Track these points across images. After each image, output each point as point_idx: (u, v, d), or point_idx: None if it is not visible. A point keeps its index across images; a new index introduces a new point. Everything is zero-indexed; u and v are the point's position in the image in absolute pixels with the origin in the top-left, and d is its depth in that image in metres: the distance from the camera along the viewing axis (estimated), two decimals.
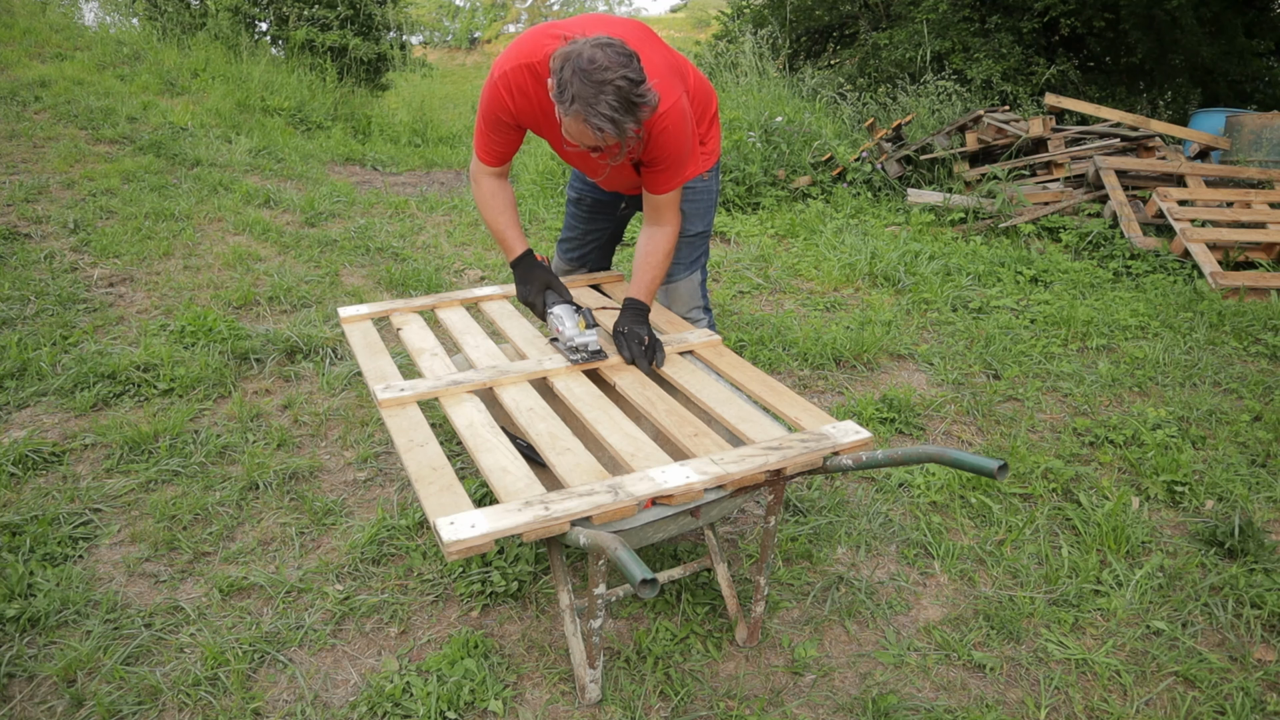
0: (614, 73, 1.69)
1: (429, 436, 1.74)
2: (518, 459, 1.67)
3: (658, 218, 2.17)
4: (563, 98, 1.73)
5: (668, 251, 2.19)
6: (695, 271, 2.50)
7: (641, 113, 1.75)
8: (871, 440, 1.76)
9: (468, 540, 1.39)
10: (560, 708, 1.77)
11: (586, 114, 1.71)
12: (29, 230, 4.10)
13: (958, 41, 8.28)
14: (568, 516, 1.46)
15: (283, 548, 2.23)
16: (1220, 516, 2.42)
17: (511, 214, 2.25)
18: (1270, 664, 1.91)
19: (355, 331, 2.27)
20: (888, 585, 2.16)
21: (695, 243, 2.44)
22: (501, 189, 2.23)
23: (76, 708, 1.72)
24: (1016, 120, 6.04)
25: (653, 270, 2.18)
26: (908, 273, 4.30)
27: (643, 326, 2.12)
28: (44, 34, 7.22)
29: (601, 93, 1.69)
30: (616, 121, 1.71)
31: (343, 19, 8.50)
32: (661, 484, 1.55)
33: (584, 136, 1.79)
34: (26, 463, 2.46)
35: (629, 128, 1.74)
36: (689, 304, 2.52)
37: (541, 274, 2.21)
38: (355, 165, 6.57)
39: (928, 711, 1.77)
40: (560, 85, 1.73)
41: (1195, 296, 4.08)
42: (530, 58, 1.95)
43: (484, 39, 23.90)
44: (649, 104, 1.75)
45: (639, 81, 1.72)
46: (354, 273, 4.14)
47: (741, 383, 2.03)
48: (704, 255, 2.52)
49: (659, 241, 2.18)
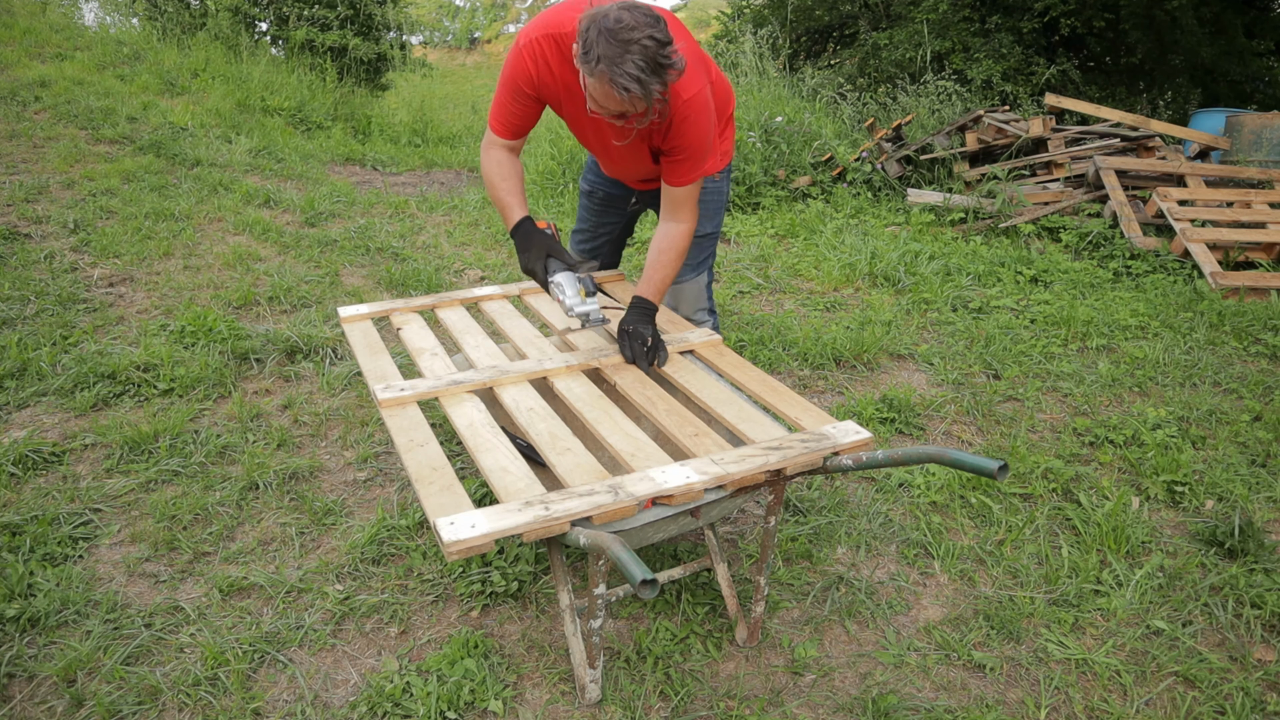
0: (640, 32, 1.65)
1: (429, 436, 1.74)
2: (518, 459, 1.67)
3: (675, 212, 2.11)
4: (588, 58, 1.69)
5: (681, 250, 2.14)
6: (702, 273, 2.48)
7: (668, 75, 1.71)
8: (872, 440, 1.76)
9: (468, 540, 1.39)
10: (560, 708, 1.77)
11: (612, 74, 1.66)
12: (29, 230, 4.10)
13: (958, 41, 8.29)
14: (568, 516, 1.46)
15: (283, 548, 2.23)
16: (1220, 516, 2.42)
17: (515, 182, 2.16)
18: (1270, 664, 1.91)
19: (355, 331, 2.27)
20: (888, 585, 2.16)
21: (703, 244, 2.43)
22: (509, 160, 2.16)
23: (76, 708, 1.72)
24: (1016, 120, 6.04)
25: (665, 269, 2.13)
26: (908, 273, 4.30)
27: (648, 327, 2.09)
28: (44, 34, 7.22)
29: (628, 52, 1.64)
30: (643, 82, 1.67)
31: (343, 19, 8.50)
32: (662, 484, 1.55)
33: (609, 100, 1.73)
34: (26, 463, 2.46)
35: (655, 89, 1.69)
36: (695, 305, 2.51)
37: (541, 240, 2.13)
38: (355, 165, 6.57)
39: (928, 711, 1.77)
40: (585, 45, 1.69)
41: (1195, 296, 4.08)
42: (557, 28, 1.90)
43: (484, 39, 23.90)
44: (675, 67, 1.71)
45: (665, 43, 1.68)
46: (354, 273, 4.14)
47: (742, 382, 2.03)
48: (711, 257, 2.50)
49: (674, 238, 2.12)
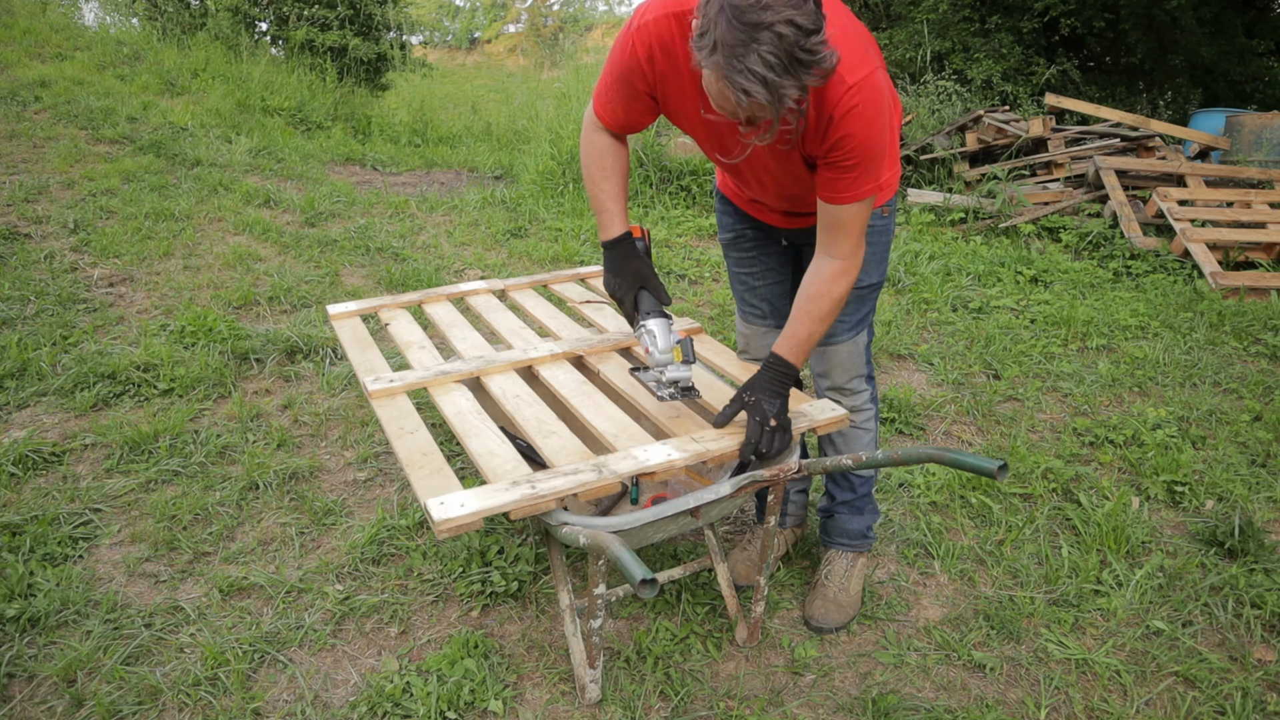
0: (777, 13, 1.21)
1: (418, 424, 1.77)
2: (505, 443, 1.69)
3: (834, 243, 1.59)
4: (702, 43, 1.28)
5: (838, 298, 1.62)
6: (861, 332, 1.92)
7: (809, 76, 1.26)
8: (847, 418, 1.79)
9: (457, 519, 1.42)
10: (560, 708, 1.77)
11: (729, 69, 1.24)
12: (29, 230, 4.10)
13: (958, 41, 8.29)
14: (554, 494, 1.49)
15: (283, 548, 2.23)
16: (1220, 516, 2.42)
17: (619, 181, 1.76)
18: (1270, 664, 1.91)
19: (345, 328, 2.29)
20: (888, 585, 2.16)
21: (865, 296, 1.87)
22: (614, 150, 1.75)
23: (76, 708, 1.72)
24: (1016, 120, 6.05)
25: (813, 323, 1.63)
26: (908, 273, 4.30)
27: (775, 401, 1.63)
28: (44, 34, 7.22)
29: (755, 40, 1.22)
30: (770, 84, 1.23)
31: (343, 19, 8.51)
32: (644, 461, 1.58)
33: (724, 99, 1.31)
34: (26, 463, 2.46)
35: (788, 93, 1.25)
36: (851, 372, 1.94)
37: (638, 267, 1.76)
38: (355, 165, 6.57)
39: (928, 711, 1.77)
40: (703, 27, 1.27)
41: (1195, 296, 4.08)
42: (681, 4, 1.47)
43: (484, 39, 23.90)
44: (821, 65, 1.25)
45: (811, 31, 1.23)
46: (354, 273, 4.14)
47: (721, 367, 2.05)
48: (872, 312, 1.94)
49: (827, 281, 1.61)
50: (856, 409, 1.98)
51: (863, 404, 1.99)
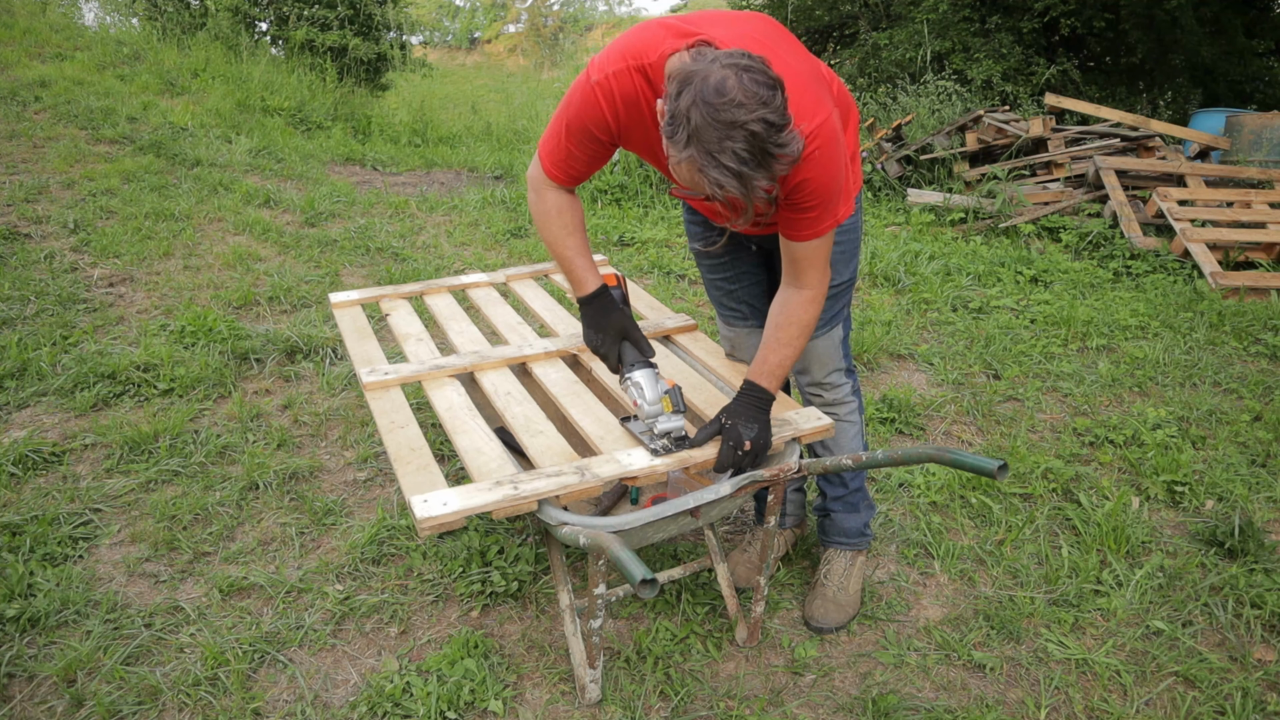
0: (749, 111, 1.26)
1: (409, 418, 1.78)
2: (492, 440, 1.69)
3: (798, 275, 1.66)
4: (675, 134, 1.31)
5: (806, 324, 1.68)
6: (836, 326, 1.96)
7: (777, 166, 1.32)
8: (832, 427, 1.78)
9: (439, 517, 1.43)
10: (560, 708, 1.77)
11: (704, 164, 1.29)
12: (29, 230, 4.10)
13: (958, 41, 8.29)
14: (535, 496, 1.50)
15: (283, 548, 2.23)
16: (1220, 516, 2.42)
17: (580, 237, 1.76)
18: (1270, 664, 1.91)
19: (345, 317, 2.31)
20: (888, 585, 2.16)
21: (837, 294, 1.89)
22: (570, 205, 1.74)
23: (76, 708, 1.72)
24: (1016, 120, 6.05)
25: (783, 349, 1.68)
26: (908, 273, 4.30)
27: (750, 426, 1.66)
28: (44, 34, 7.22)
29: (729, 138, 1.26)
30: (743, 177, 1.29)
31: (343, 19, 8.51)
32: (627, 466, 1.59)
33: (696, 187, 1.36)
34: (26, 463, 2.46)
35: (758, 185, 1.31)
36: (829, 366, 1.99)
37: (619, 320, 1.76)
38: (355, 165, 6.56)
39: (928, 711, 1.77)
40: (674, 117, 1.30)
41: (1195, 296, 4.08)
42: (643, 58, 1.50)
43: (484, 39, 23.91)
44: (789, 154, 1.31)
45: (780, 126, 1.29)
46: (354, 273, 4.14)
47: (713, 368, 2.06)
48: (846, 306, 1.97)
49: (795, 310, 1.67)
50: (839, 402, 2.02)
51: (844, 397, 2.03)
